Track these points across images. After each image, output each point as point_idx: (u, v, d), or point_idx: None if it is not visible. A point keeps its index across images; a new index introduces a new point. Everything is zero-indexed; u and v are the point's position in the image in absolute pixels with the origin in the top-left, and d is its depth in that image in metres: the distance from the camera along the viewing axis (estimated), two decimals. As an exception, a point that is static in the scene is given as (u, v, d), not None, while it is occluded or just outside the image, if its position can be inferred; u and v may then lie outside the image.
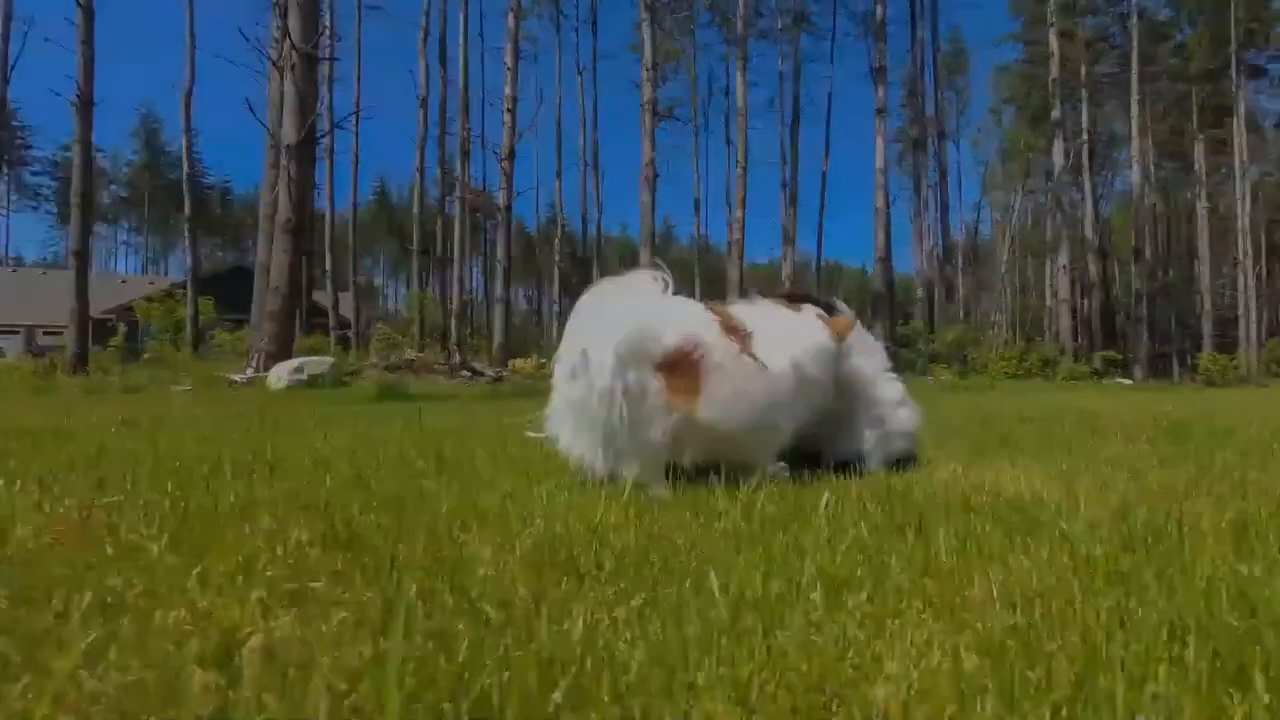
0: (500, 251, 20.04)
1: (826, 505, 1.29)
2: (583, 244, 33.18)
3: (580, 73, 29.39)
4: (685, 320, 1.61)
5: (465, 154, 24.88)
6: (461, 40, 24.41)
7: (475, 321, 32.53)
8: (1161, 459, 2.21)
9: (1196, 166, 29.96)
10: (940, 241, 28.60)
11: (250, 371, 11.80)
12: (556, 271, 30.67)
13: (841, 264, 56.92)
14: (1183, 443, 2.65)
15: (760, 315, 1.79)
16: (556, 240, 31.32)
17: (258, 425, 3.13)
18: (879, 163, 23.63)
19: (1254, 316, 27.45)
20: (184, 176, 17.88)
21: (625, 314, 1.58)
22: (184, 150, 17.84)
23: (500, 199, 20.08)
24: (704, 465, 1.67)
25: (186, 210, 17.45)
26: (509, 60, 20.37)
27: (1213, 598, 0.80)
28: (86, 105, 11.03)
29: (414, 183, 24.31)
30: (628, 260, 31.75)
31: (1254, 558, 0.98)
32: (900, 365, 19.05)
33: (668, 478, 1.62)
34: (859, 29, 27.39)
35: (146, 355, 16.09)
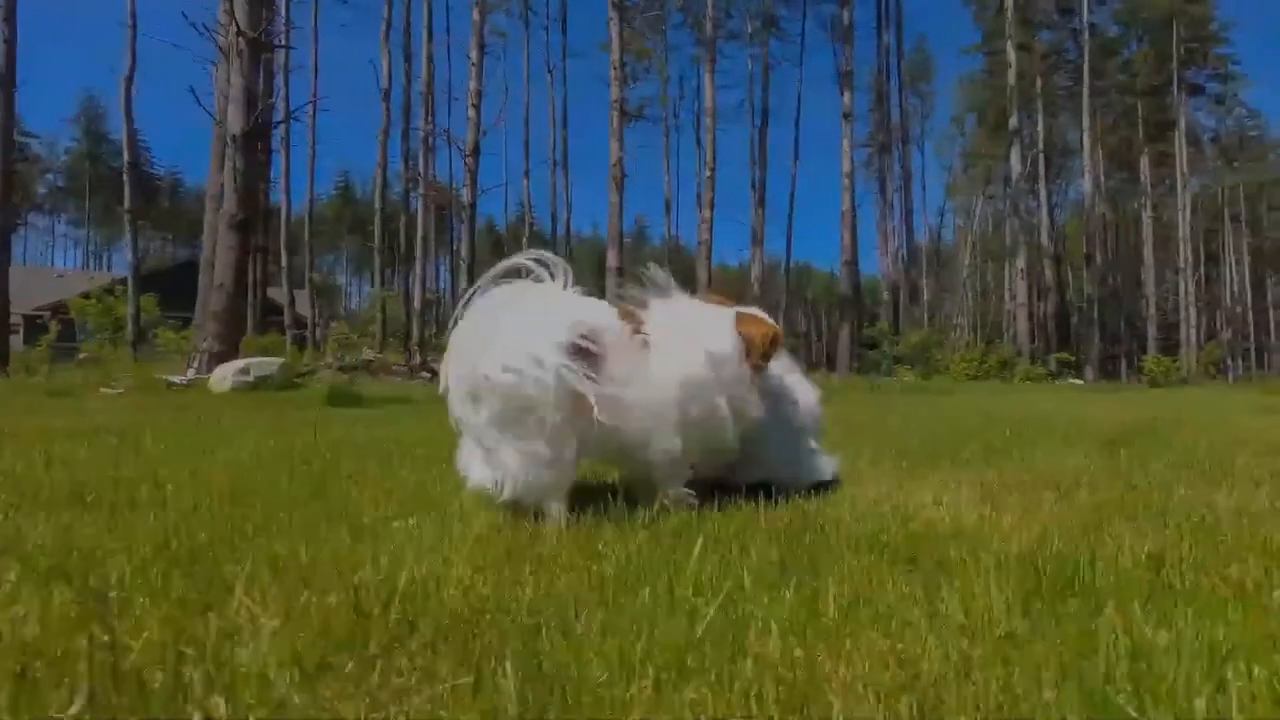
0: (464, 249, 19.59)
1: (702, 549, 1.13)
2: (552, 243, 32.79)
3: (550, 70, 29.03)
4: (583, 308, 1.51)
5: (428, 149, 24.33)
6: (425, 33, 23.89)
7: (441, 320, 31.84)
8: (1094, 474, 2.13)
9: (1142, 178, 31.17)
10: (905, 245, 29.14)
11: (192, 373, 11.25)
12: (524, 271, 30.07)
13: (811, 266, 57.40)
14: (1118, 452, 2.59)
15: (664, 310, 1.62)
16: (524, 239, 30.84)
17: (152, 434, 2.85)
18: (846, 166, 23.92)
19: (1193, 321, 28.69)
20: (124, 165, 16.97)
21: (522, 318, 1.45)
22: (124, 137, 16.92)
23: (464, 196, 19.64)
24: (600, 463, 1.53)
25: (127, 201, 16.55)
26: (474, 55, 19.94)
27: (1109, 686, 0.66)
28: (7, 87, 10.32)
29: (376, 178, 23.63)
30: (598, 261, 31.47)
31: (1162, 613, 0.85)
32: (866, 367, 19.18)
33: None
34: (827, 34, 27.68)
35: (82, 355, 15.22)
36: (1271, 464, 2.26)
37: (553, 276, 1.56)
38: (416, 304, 22.24)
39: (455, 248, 30.30)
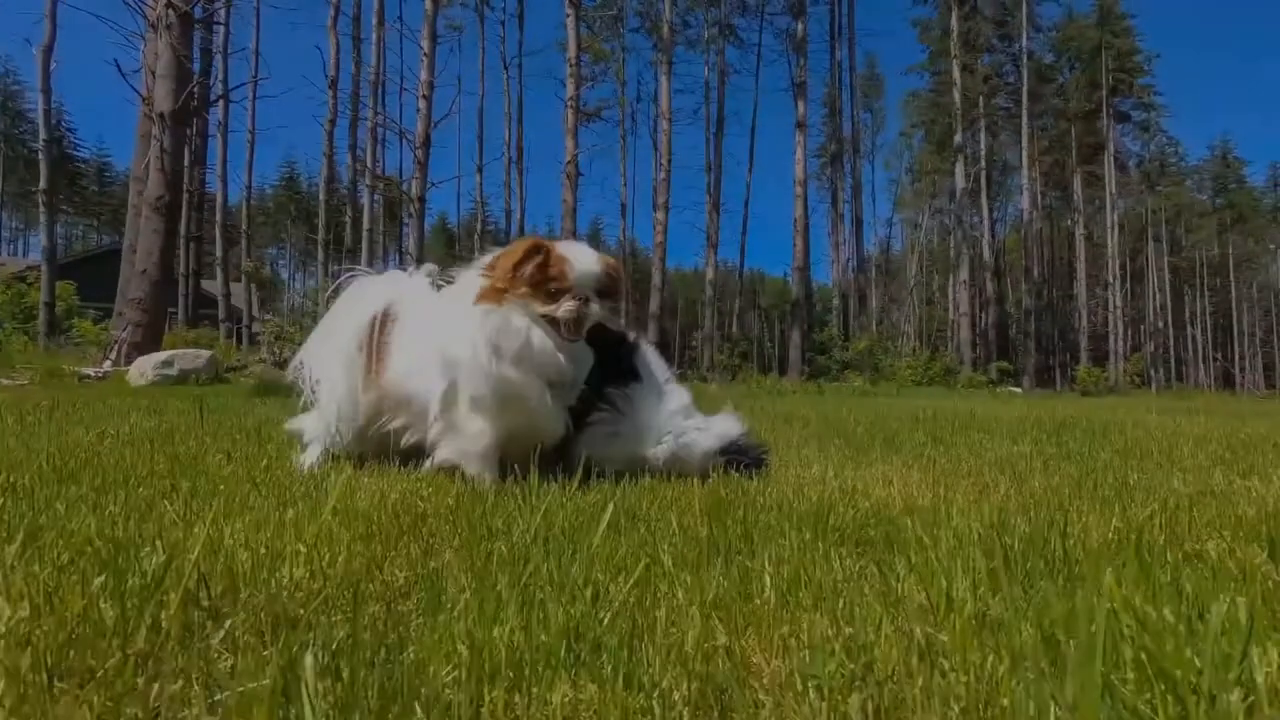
0: (411, 243, 18.93)
1: (614, 522, 0.94)
2: (507, 240, 32.19)
3: (506, 66, 28.51)
4: (392, 285, 1.62)
5: (375, 139, 23.50)
6: (375, 19, 23.09)
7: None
8: (1045, 460, 2.06)
9: (1075, 197, 32.96)
10: (855, 254, 29.89)
11: (108, 365, 10.42)
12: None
13: (764, 272, 58.11)
14: (1063, 442, 2.55)
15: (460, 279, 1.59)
16: (477, 235, 30.13)
17: (14, 415, 2.48)
18: (799, 174, 24.32)
19: (1120, 333, 30.45)
20: (40, 143, 15.68)
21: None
22: (40, 113, 15.65)
23: (413, 189, 19.01)
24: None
25: (42, 181, 15.28)
26: (425, 44, 19.37)
27: (1115, 675, 0.51)
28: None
29: (322, 168, 22.65)
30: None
31: (1153, 588, 0.72)
32: (816, 371, 19.51)
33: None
34: (782, 45, 28.16)
35: (-14, 345, 13.88)
36: (1214, 452, 2.24)
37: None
38: (363, 300, 21.34)
39: (404, 244, 29.35)
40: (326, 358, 1.54)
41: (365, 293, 1.59)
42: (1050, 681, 0.45)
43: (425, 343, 1.39)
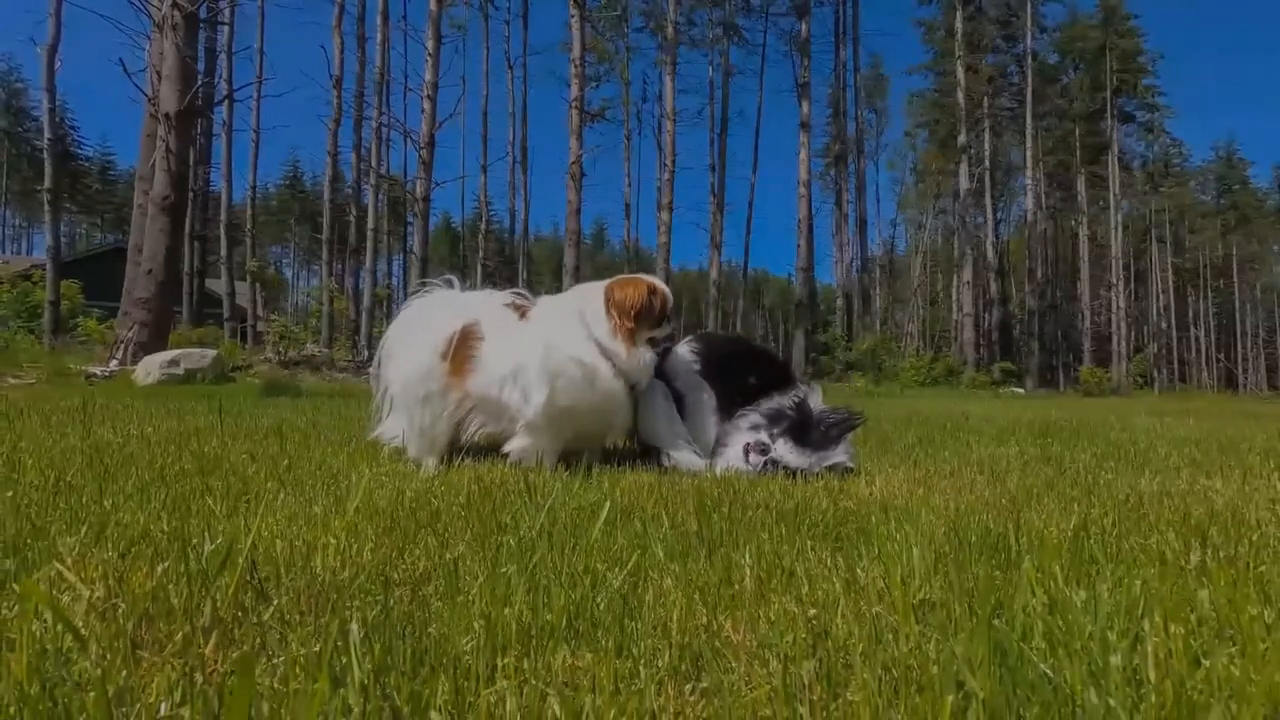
0: (416, 243, 19.04)
1: (610, 519, 1.04)
2: (510, 241, 32.30)
3: (510, 66, 28.60)
4: (471, 306, 1.89)
5: (380, 139, 23.64)
6: (380, 20, 23.21)
7: (393, 317, 30.74)
8: (1026, 461, 2.15)
9: (1079, 198, 32.96)
10: (859, 254, 29.96)
11: (115, 364, 10.55)
12: (480, 268, 29.57)
13: (768, 272, 58.35)
14: (1049, 444, 2.65)
15: (546, 301, 1.94)
16: (481, 235, 30.24)
17: (39, 414, 2.59)
18: (802, 175, 24.38)
19: (1123, 334, 30.47)
20: (45, 142, 15.81)
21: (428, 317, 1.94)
22: (45, 112, 15.77)
23: (417, 189, 19.12)
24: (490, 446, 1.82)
25: (47, 180, 15.42)
26: (430, 45, 19.48)
27: (1023, 641, 0.61)
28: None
29: (326, 167, 22.77)
30: (556, 260, 31.18)
31: (1081, 574, 0.82)
32: (820, 372, 19.61)
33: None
34: (786, 45, 28.19)
35: (-10, 344, 14.03)
36: (1188, 454, 2.34)
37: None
38: (366, 299, 21.50)
39: (409, 244, 29.46)
40: (407, 365, 1.81)
41: (448, 309, 1.87)
42: (957, 644, 0.55)
43: (520, 359, 1.73)
